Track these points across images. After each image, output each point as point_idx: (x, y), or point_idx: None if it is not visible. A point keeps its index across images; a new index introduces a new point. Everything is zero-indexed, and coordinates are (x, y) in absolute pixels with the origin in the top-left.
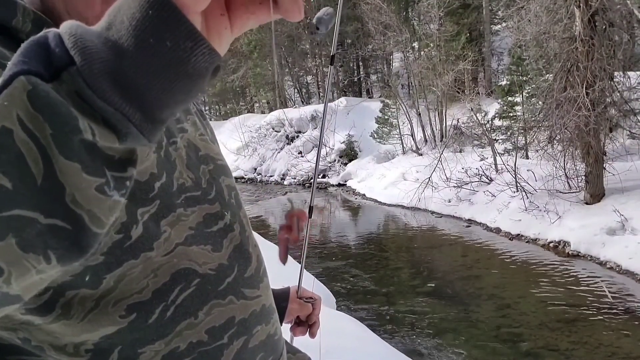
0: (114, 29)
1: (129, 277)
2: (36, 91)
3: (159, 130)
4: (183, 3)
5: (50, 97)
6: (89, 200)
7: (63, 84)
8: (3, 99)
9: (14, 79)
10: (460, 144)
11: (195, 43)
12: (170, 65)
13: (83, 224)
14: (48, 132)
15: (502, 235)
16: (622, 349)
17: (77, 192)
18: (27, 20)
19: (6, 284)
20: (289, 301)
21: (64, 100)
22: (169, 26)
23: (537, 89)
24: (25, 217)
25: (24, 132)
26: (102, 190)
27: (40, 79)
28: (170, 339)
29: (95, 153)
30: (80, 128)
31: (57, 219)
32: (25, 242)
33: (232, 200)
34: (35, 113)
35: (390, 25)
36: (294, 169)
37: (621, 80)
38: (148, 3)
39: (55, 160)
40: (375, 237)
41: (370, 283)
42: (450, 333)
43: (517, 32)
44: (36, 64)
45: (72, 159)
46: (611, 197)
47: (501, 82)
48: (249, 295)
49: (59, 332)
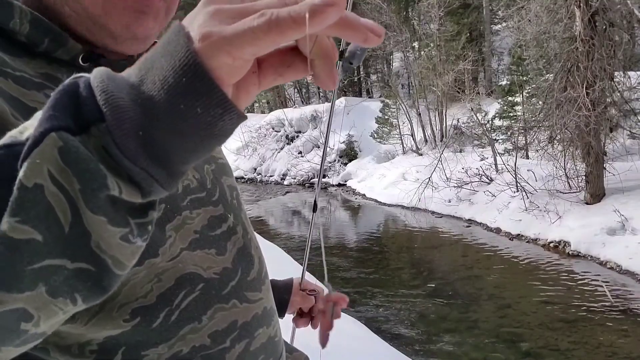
0: (145, 87)
1: (132, 281)
2: (67, 147)
3: (179, 181)
4: (219, 76)
5: (80, 153)
6: (114, 247)
7: (91, 137)
8: (35, 157)
9: (45, 136)
10: (461, 144)
11: (225, 110)
12: (199, 129)
13: (107, 267)
14: (76, 186)
15: (502, 235)
16: (622, 349)
17: (102, 240)
18: (24, 22)
19: (35, 327)
20: (291, 293)
21: (93, 156)
22: (202, 96)
23: (538, 89)
24: (54, 265)
25: (54, 185)
26: (127, 238)
27: (69, 133)
28: (174, 343)
29: (120, 205)
30: (108, 185)
31: (83, 262)
32: (54, 289)
33: (234, 202)
34: (65, 167)
35: (391, 25)
36: (294, 169)
37: (621, 80)
38: (182, 71)
39: (83, 212)
40: (375, 237)
41: (370, 283)
42: (450, 333)
43: (518, 32)
44: (66, 118)
45: (98, 213)
46: (611, 197)
47: (501, 82)
48: (252, 299)
49: (65, 332)
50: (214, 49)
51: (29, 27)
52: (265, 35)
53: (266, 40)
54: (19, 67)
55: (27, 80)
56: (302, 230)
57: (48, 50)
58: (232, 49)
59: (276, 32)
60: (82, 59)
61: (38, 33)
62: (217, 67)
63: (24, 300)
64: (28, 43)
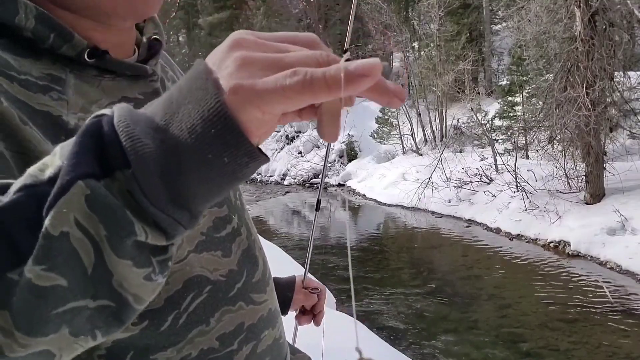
0: (171, 132)
1: None
2: (94, 195)
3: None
4: (248, 129)
5: (107, 201)
6: (136, 286)
7: (116, 181)
8: (62, 206)
9: (72, 185)
10: (461, 144)
11: (252, 158)
12: (224, 176)
13: (128, 303)
14: (102, 233)
15: (502, 236)
16: (622, 349)
17: (125, 280)
18: (30, 17)
19: None
20: (294, 291)
21: (120, 203)
22: (230, 147)
23: (538, 88)
24: (77, 307)
25: (79, 231)
26: (149, 277)
27: (95, 178)
28: (182, 346)
29: (144, 248)
30: (135, 232)
31: (104, 299)
32: (77, 329)
33: (237, 202)
34: (92, 214)
35: (391, 25)
36: (294, 169)
37: (621, 80)
38: (211, 122)
39: (107, 255)
40: (375, 237)
41: (370, 283)
42: (450, 333)
43: (518, 32)
44: (92, 163)
45: (124, 258)
46: (611, 197)
47: (501, 82)
48: (257, 300)
49: None
50: (245, 103)
51: (35, 22)
52: (297, 95)
53: (298, 100)
54: (24, 69)
55: (33, 83)
56: (302, 230)
57: (53, 47)
58: (262, 105)
59: (309, 94)
60: (87, 55)
61: (44, 28)
62: (247, 121)
63: (47, 343)
64: (34, 39)
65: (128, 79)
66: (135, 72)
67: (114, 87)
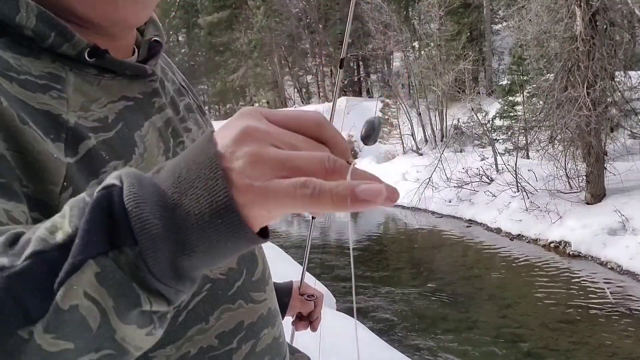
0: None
1: None
2: (104, 273)
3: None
4: (253, 224)
5: (116, 276)
6: (138, 341)
7: (122, 255)
8: (73, 283)
9: (83, 264)
10: (461, 143)
11: (253, 243)
12: (227, 255)
13: (129, 352)
14: (110, 304)
15: (502, 236)
16: (622, 349)
17: (127, 336)
18: (31, 15)
19: None
20: (291, 297)
21: (128, 278)
22: (235, 237)
23: (538, 88)
24: None
25: (87, 301)
26: (150, 333)
27: (104, 255)
28: (181, 344)
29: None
30: (141, 303)
31: (107, 350)
32: None
33: None
34: (101, 288)
35: (391, 24)
36: None
37: (622, 79)
38: (219, 214)
39: (113, 321)
40: (375, 237)
41: (370, 283)
42: (450, 333)
43: (518, 31)
44: (102, 243)
45: (129, 323)
46: (612, 197)
47: (502, 82)
48: (257, 299)
49: None
50: (253, 204)
51: (36, 21)
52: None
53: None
54: (24, 68)
55: (32, 82)
56: (301, 230)
57: (54, 45)
58: (270, 206)
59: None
60: (87, 54)
61: (45, 27)
62: (253, 217)
63: None
64: (34, 38)
65: (128, 78)
66: (135, 72)
67: (114, 86)
